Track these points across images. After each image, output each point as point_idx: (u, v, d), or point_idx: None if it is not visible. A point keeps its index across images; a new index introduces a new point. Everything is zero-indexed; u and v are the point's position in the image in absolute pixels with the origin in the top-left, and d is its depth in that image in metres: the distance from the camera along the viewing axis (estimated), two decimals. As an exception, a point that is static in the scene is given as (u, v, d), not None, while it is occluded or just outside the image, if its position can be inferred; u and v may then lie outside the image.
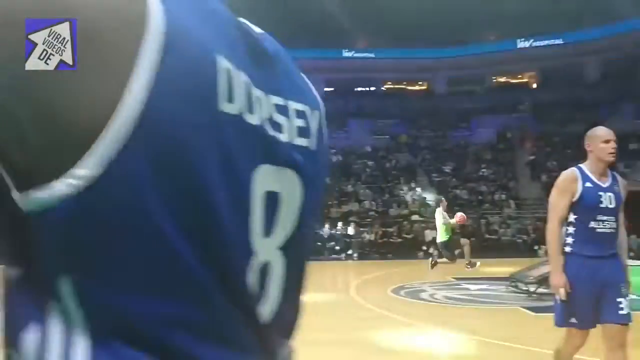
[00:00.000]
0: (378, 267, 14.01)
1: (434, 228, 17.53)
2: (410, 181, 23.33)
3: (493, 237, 17.62)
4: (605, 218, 3.01)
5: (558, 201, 3.10)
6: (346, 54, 30.89)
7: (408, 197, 21.24)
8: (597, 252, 3.02)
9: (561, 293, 2.99)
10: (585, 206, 3.03)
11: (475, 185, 22.67)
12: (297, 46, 29.42)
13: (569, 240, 3.08)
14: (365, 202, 20.58)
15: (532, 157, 24.90)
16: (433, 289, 9.47)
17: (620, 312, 2.99)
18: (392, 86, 34.53)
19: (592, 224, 3.00)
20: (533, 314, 7.17)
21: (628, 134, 24.53)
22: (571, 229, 3.09)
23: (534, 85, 32.46)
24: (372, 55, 31.66)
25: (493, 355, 5.13)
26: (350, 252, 16.80)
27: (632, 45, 26.57)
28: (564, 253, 3.09)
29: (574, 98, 28.54)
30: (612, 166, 3.21)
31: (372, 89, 34.21)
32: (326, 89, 33.11)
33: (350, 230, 17.57)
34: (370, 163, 24.95)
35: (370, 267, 14.24)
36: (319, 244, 17.56)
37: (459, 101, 31.28)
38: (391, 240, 17.32)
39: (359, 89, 34.39)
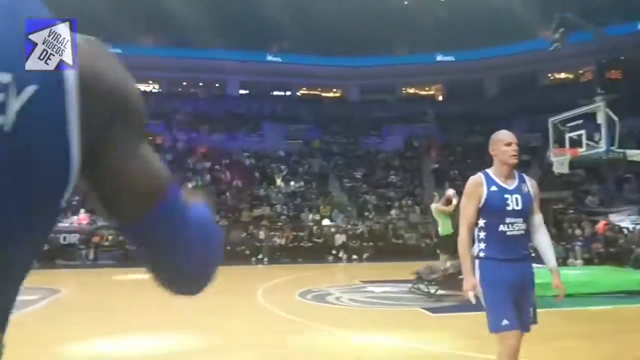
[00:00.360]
0: (288, 271, 13.99)
1: (344, 232, 17.96)
2: (322, 186, 23.64)
3: (399, 241, 18.25)
4: (513, 220, 3.00)
5: (466, 207, 3.09)
6: (262, 57, 30.69)
7: (319, 202, 21.48)
8: (508, 255, 3.01)
9: (470, 296, 3.00)
10: (491, 210, 3.03)
11: (384, 191, 23.42)
12: (211, 46, 29.03)
13: (482, 245, 3.07)
14: (277, 206, 20.53)
15: (436, 165, 26.18)
16: (340, 292, 9.61)
17: (529, 319, 3.06)
18: (307, 92, 34.87)
19: (501, 227, 3.00)
20: (432, 314, 7.48)
21: (521, 146, 26.33)
22: (482, 234, 3.08)
23: (440, 98, 34.25)
24: (288, 60, 31.78)
25: (391, 355, 5.27)
26: (260, 256, 16.65)
27: (526, 64, 28.85)
28: (479, 258, 3.08)
29: (475, 111, 30.46)
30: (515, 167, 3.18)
31: (288, 93, 34.34)
32: (241, 92, 32.82)
33: (261, 235, 17.44)
34: (283, 167, 24.96)
35: (280, 271, 14.19)
36: (229, 248, 17.25)
37: (371, 109, 32.25)
38: (302, 244, 17.40)
39: (275, 93, 34.38)
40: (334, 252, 17.19)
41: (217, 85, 33.01)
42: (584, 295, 8.66)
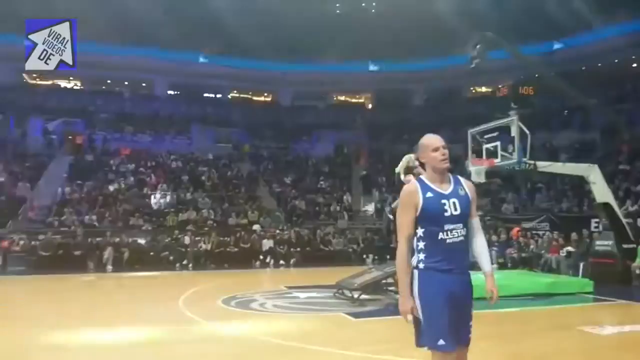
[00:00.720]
0: (213, 277, 13.71)
1: (271, 238, 17.85)
2: (251, 191, 23.42)
3: (327, 247, 18.41)
4: (452, 226, 2.87)
5: (403, 218, 2.94)
6: (192, 58, 30.01)
7: (248, 207, 21.25)
8: (449, 265, 2.86)
9: (408, 319, 2.85)
10: (429, 217, 2.88)
11: (313, 197, 23.56)
12: (140, 45, 28.00)
13: (421, 255, 2.90)
14: (203, 210, 20.08)
15: (365, 172, 26.73)
16: (264, 298, 9.52)
17: (469, 335, 2.96)
18: (238, 95, 34.51)
19: (441, 235, 2.86)
20: (353, 319, 7.59)
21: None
22: (421, 244, 2.92)
23: (370, 106, 35.06)
24: (220, 63, 31.31)
25: (314, 359, 5.28)
26: (185, 262, 16.19)
27: (452, 78, 30.18)
28: (418, 269, 2.90)
29: (403, 120, 31.46)
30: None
31: (218, 96, 33.81)
32: (170, 92, 31.92)
33: (187, 240, 16.97)
34: (211, 171, 24.49)
35: (205, 277, 13.87)
36: (152, 254, 16.66)
37: (302, 115, 32.48)
38: (228, 250, 17.10)
39: (205, 95, 33.74)
40: (261, 257, 17.04)
41: (144, 85, 31.90)
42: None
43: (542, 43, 27.77)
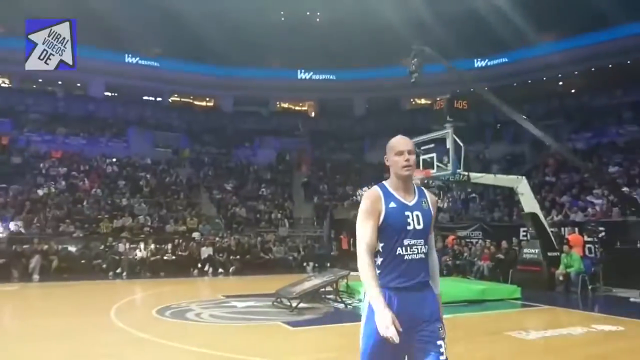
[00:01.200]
0: (148, 286, 13.28)
1: (210, 245, 17.54)
2: (190, 197, 22.93)
3: (267, 255, 18.29)
4: (413, 242, 2.57)
5: (363, 228, 2.59)
6: (130, 59, 29.08)
7: (187, 214, 20.78)
8: (404, 283, 2.55)
9: (392, 334, 2.33)
10: (390, 230, 2.57)
11: (254, 204, 23.38)
12: (84, 44, 26.81)
13: (377, 271, 2.56)
14: (140, 217, 19.44)
15: (306, 180, 26.83)
16: (200, 308, 9.32)
17: (441, 357, 2.51)
18: (178, 99, 33.78)
19: (399, 251, 2.56)
20: (291, 328, 7.57)
21: (384, 165, 28.26)
22: (378, 259, 2.60)
23: (312, 114, 35.29)
24: (160, 65, 30.56)
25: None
26: (119, 270, 15.59)
27: (392, 88, 30.94)
28: None
29: (344, 129, 31.90)
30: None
31: (158, 99, 32.94)
32: (107, 94, 30.76)
33: (121, 247, 16.35)
34: (149, 176, 23.77)
35: (139, 286, 13.42)
36: (83, 262, 15.93)
37: (244, 121, 32.22)
38: (165, 257, 16.62)
39: (144, 97, 32.76)
40: (199, 265, 16.68)
41: (79, 85, 30.56)
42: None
43: (476, 59, 29.15)
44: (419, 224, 2.61)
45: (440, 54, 13.20)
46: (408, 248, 2.58)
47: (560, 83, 29.10)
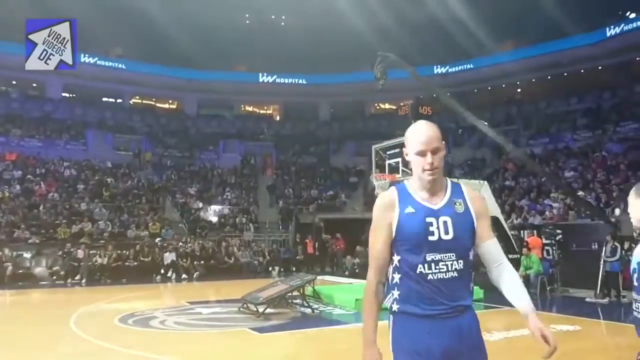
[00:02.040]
0: (109, 293, 12.90)
1: (174, 250, 17.22)
2: (152, 201, 22.45)
3: (232, 260, 18.09)
4: (439, 257, 2.00)
5: (374, 240, 2.13)
6: (88, 59, 28.26)
7: (149, 218, 20.33)
8: (428, 309, 2.00)
9: None
10: (406, 241, 2.04)
11: (219, 208, 23.10)
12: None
13: (395, 293, 2.09)
14: (100, 222, 18.90)
15: (271, 184, 26.73)
16: (165, 315, 9.13)
17: None
18: (139, 101, 33.08)
19: (420, 268, 2.01)
20: (258, 334, 7.50)
21: (349, 169, 28.52)
22: (396, 277, 2.08)
23: (277, 118, 35.21)
24: (121, 66, 29.84)
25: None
26: (77, 277, 15.11)
27: (356, 93, 31.22)
28: (392, 312, 2.11)
29: (309, 133, 31.95)
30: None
31: (118, 101, 32.17)
32: (64, 95, 29.82)
33: (80, 253, 15.85)
34: (109, 180, 23.15)
35: (100, 294, 13.01)
36: (39, 270, 15.38)
37: (208, 124, 31.88)
38: (127, 263, 16.22)
39: (104, 99, 31.94)
40: (162, 271, 16.35)
41: (34, 85, 29.51)
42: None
43: (436, 65, 29.73)
44: (446, 233, 2.03)
45: (403, 60, 13.40)
46: (433, 265, 2.01)
47: (519, 90, 30.05)
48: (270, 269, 18.22)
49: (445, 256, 2.02)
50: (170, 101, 33.87)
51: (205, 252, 17.88)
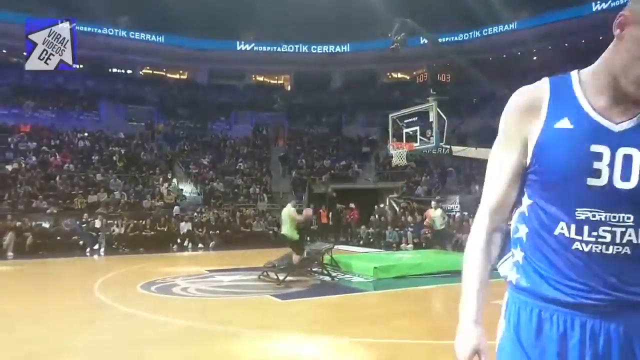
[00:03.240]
0: (128, 262, 13.09)
1: (189, 220, 17.38)
2: (166, 172, 22.56)
3: (247, 229, 18.25)
4: (601, 216, 1.16)
5: (493, 164, 1.34)
6: (101, 30, 28.00)
7: (163, 189, 20.47)
8: (577, 292, 1.19)
9: None
10: (545, 178, 1.22)
11: (232, 179, 23.18)
12: (39, 13, 25.68)
13: (519, 254, 1.30)
14: (115, 192, 19.07)
15: (283, 154, 26.70)
16: (186, 282, 9.27)
17: None
18: (150, 72, 32.91)
19: (562, 230, 1.20)
20: (280, 301, 7.60)
21: (362, 139, 28.36)
22: (522, 231, 1.30)
23: (289, 88, 34.92)
24: (131, 36, 29.60)
25: (240, 341, 5.22)
26: (96, 247, 15.35)
27: (368, 62, 30.79)
28: (511, 285, 1.34)
29: (321, 103, 31.69)
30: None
31: (129, 72, 32.03)
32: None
33: (97, 223, 16.05)
34: (123, 151, 23.25)
35: (119, 262, 13.21)
36: (59, 238, 15.64)
37: (220, 94, 31.71)
38: (143, 233, 16.42)
39: (114, 70, 31.83)
40: (178, 241, 16.55)
41: (45, 56, 29.39)
42: (415, 277, 9.58)
43: (453, 33, 29.14)
44: (625, 177, 1.17)
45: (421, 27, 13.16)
46: (587, 228, 1.18)
47: (535, 58, 29.45)
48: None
49: (614, 217, 1.16)
50: (180, 72, 33.68)
51: (220, 222, 18.02)
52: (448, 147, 11.96)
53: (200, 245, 16.64)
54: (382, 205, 19.43)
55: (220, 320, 6.21)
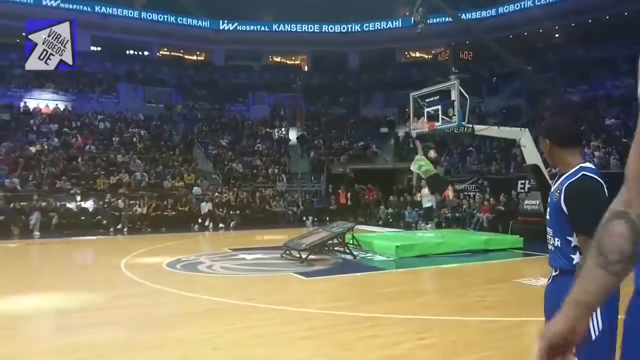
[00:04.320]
0: (151, 241, 13.32)
1: (210, 201, 17.56)
2: (185, 153, 22.74)
3: (267, 209, 18.38)
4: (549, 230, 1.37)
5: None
6: (118, 11, 28.06)
7: (183, 170, 20.66)
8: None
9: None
10: None
11: (250, 159, 23.28)
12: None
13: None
14: (137, 173, 19.31)
15: (301, 134, 26.68)
16: (210, 260, 9.41)
17: None
18: (167, 53, 32.96)
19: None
20: (304, 278, 7.68)
21: (380, 119, 28.18)
22: None
23: (305, 68, 34.71)
24: (149, 16, 29.61)
25: (270, 317, 5.31)
26: (119, 226, 15.62)
27: (387, 41, 30.42)
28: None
29: (338, 82, 31.47)
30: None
31: (146, 53, 32.12)
32: (93, 48, 29.88)
33: (120, 204, 16.31)
34: (143, 132, 23.45)
35: (142, 242, 13.44)
36: (83, 218, 15.93)
37: (236, 75, 31.67)
38: (165, 213, 16.64)
39: (132, 52, 31.95)
40: (199, 221, 16.75)
41: (64, 38, 29.57)
42: (437, 255, 9.60)
43: (479, 10, 28.57)
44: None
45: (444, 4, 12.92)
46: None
47: (557, 35, 28.77)
48: (304, 218, 18.45)
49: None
50: (197, 52, 33.66)
51: (240, 202, 18.17)
52: (470, 126, 11.82)
53: (221, 225, 16.81)
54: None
55: (247, 296, 6.31)
